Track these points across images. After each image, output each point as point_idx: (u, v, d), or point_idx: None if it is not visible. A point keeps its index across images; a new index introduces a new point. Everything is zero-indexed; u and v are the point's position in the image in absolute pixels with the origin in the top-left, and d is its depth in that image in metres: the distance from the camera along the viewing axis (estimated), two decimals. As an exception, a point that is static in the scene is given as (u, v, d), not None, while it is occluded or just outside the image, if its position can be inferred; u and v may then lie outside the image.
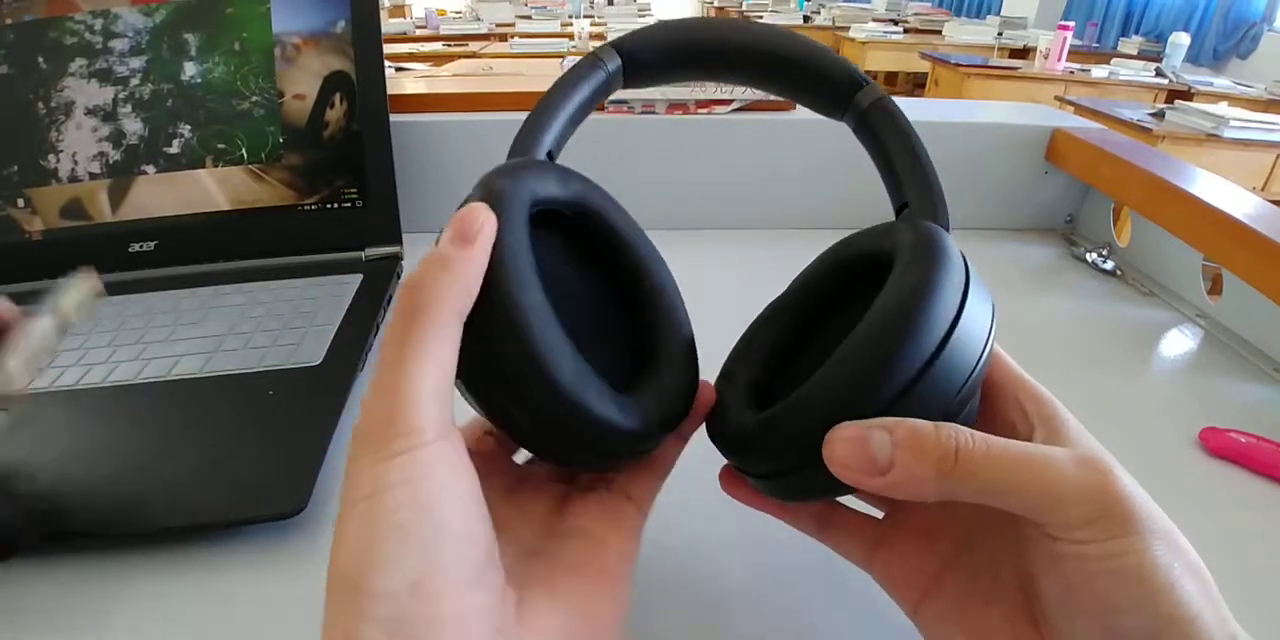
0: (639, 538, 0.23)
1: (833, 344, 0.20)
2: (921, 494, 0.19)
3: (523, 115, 0.24)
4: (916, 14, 5.36)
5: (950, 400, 0.19)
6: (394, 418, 0.17)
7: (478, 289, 0.18)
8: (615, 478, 0.24)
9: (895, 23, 5.02)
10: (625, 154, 0.60)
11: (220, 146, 0.51)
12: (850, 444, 0.19)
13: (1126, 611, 0.17)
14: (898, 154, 0.27)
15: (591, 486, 0.24)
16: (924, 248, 0.21)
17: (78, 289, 0.30)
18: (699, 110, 0.61)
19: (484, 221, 0.19)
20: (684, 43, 0.27)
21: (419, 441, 0.17)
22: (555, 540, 0.22)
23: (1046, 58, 3.29)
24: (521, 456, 0.25)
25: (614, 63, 0.26)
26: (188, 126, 0.50)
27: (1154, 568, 0.17)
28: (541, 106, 0.25)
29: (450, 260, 0.18)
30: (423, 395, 0.17)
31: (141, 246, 0.50)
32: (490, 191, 0.20)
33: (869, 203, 0.64)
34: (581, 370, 0.19)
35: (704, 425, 0.24)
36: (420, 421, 0.17)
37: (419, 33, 4.10)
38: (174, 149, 0.50)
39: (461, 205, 0.20)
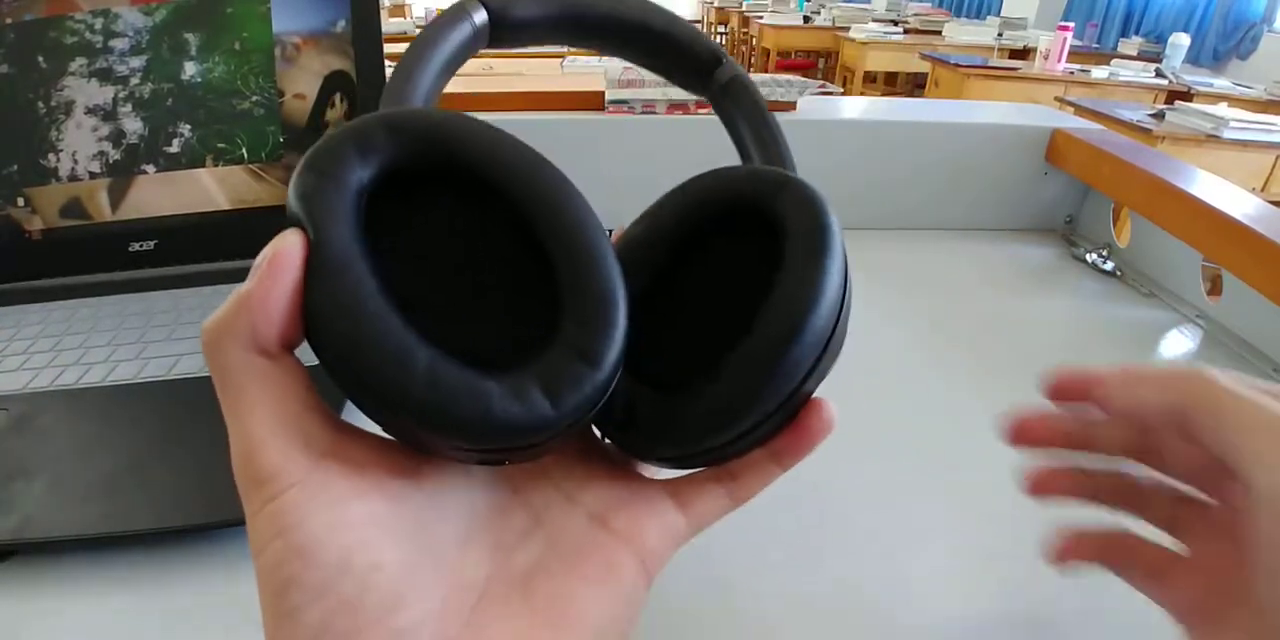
0: (673, 542, 0.21)
1: (720, 308, 0.22)
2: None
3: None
4: (916, 14, 5.36)
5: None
6: (247, 467, 0.16)
7: (278, 311, 0.16)
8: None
9: (895, 23, 5.02)
10: (625, 154, 0.60)
11: (220, 146, 0.51)
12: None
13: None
14: (753, 125, 0.28)
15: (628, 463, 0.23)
16: (818, 228, 0.21)
17: None
18: (699, 110, 0.61)
19: (273, 246, 0.17)
20: (558, 7, 0.26)
21: (279, 488, 0.16)
22: (558, 527, 0.20)
23: (1046, 58, 3.29)
24: None
25: (480, 16, 0.25)
26: (188, 126, 0.50)
27: None
28: (408, 58, 0.23)
29: (237, 294, 0.17)
30: (259, 438, 0.17)
31: (141, 246, 0.50)
32: (297, 194, 0.18)
33: (869, 202, 0.64)
34: (407, 356, 0.16)
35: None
36: (271, 466, 0.16)
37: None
38: (174, 148, 0.50)
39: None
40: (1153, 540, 0.25)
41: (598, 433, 0.23)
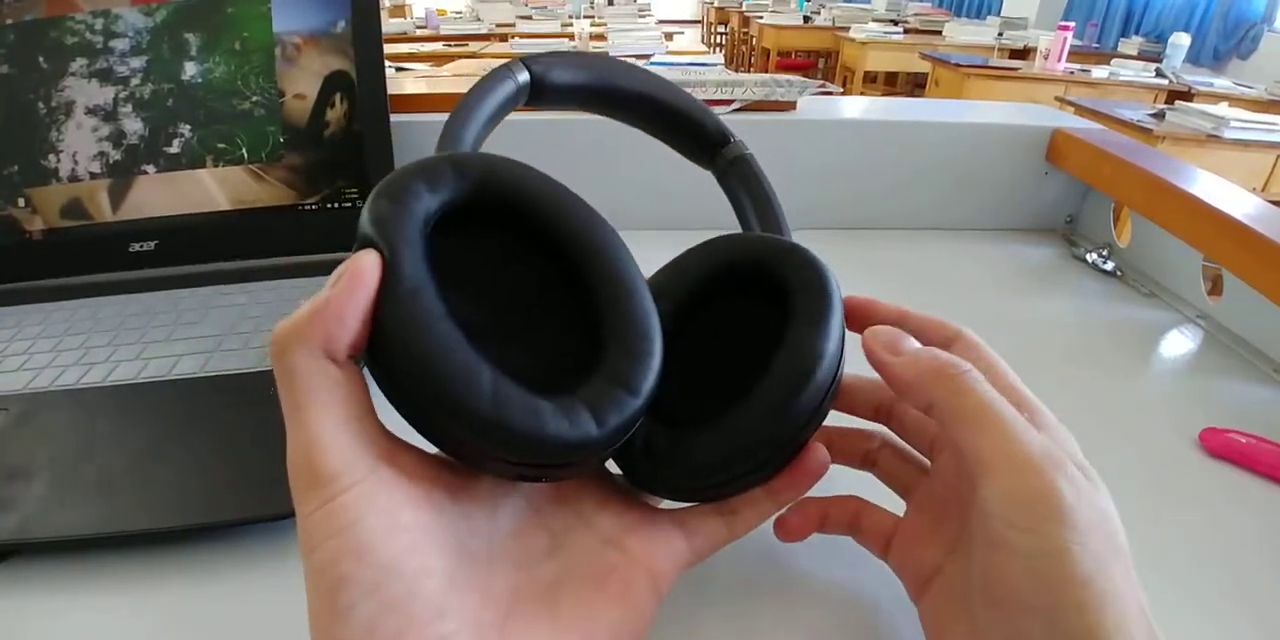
0: (679, 566, 0.22)
1: (731, 357, 0.24)
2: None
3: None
4: (916, 14, 5.36)
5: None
6: (307, 468, 0.17)
7: (354, 321, 0.18)
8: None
9: (895, 23, 5.02)
10: (625, 154, 0.60)
11: (221, 146, 0.51)
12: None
13: (1035, 614, 0.18)
14: (756, 199, 0.31)
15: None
16: (821, 292, 0.23)
17: None
18: (699, 110, 0.61)
19: (354, 262, 0.18)
20: (592, 79, 0.29)
21: (339, 488, 0.17)
22: (576, 548, 0.21)
23: (1047, 58, 3.29)
24: None
25: (523, 76, 0.27)
26: (188, 126, 0.50)
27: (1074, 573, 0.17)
28: (462, 107, 0.26)
29: (314, 302, 0.18)
30: (325, 440, 0.17)
31: (142, 246, 0.50)
32: (373, 218, 0.19)
33: (869, 202, 0.64)
34: (474, 374, 0.18)
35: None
36: (332, 467, 0.17)
37: (419, 33, 4.10)
38: (174, 149, 0.50)
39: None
40: (878, 506, 0.26)
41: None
